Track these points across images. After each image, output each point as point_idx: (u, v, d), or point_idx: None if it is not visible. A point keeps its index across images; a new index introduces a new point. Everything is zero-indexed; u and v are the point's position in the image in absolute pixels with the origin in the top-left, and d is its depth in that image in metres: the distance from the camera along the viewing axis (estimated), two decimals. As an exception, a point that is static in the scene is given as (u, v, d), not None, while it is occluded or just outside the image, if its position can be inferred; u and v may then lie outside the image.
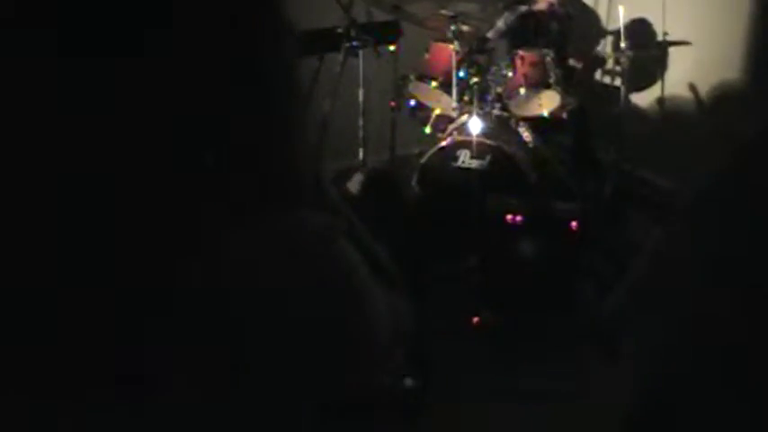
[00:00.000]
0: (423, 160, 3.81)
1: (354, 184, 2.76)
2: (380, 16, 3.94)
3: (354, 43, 3.50)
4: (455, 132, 3.84)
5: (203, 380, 0.69)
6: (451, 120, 3.96)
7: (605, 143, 4.34)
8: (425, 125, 4.11)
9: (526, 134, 3.88)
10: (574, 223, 3.40)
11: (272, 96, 0.73)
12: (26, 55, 0.67)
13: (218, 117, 0.71)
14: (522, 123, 3.91)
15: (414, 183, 3.86)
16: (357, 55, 3.59)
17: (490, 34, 4.07)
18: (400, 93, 4.11)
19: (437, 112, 4.05)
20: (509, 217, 3.40)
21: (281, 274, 0.69)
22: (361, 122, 3.66)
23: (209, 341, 0.69)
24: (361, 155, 3.70)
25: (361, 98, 3.65)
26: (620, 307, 0.92)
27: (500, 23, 4.09)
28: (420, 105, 4.11)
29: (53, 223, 0.67)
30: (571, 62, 4.24)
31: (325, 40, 3.59)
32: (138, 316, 0.69)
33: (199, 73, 0.69)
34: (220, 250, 0.69)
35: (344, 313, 0.72)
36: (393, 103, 4.13)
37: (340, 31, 3.58)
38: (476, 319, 3.32)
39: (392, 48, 3.99)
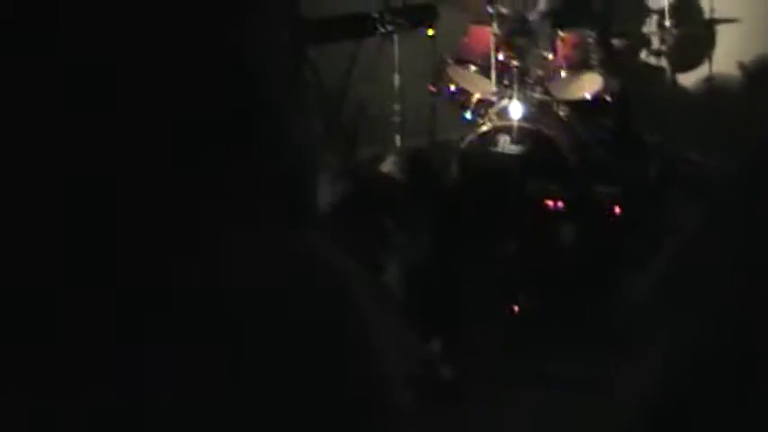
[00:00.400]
0: (462, 146, 3.77)
1: (388, 165, 2.74)
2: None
3: (389, 27, 3.47)
4: (495, 117, 3.79)
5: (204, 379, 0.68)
6: (491, 104, 3.90)
7: (650, 125, 4.24)
8: (465, 110, 4.05)
9: (567, 117, 3.81)
10: (616, 208, 3.33)
11: (261, 90, 0.72)
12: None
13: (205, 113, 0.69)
14: (563, 106, 3.84)
15: (453, 169, 3.83)
16: (392, 40, 3.55)
17: (531, 15, 3.99)
18: (439, 77, 4.06)
19: (477, 96, 3.98)
20: (549, 202, 3.35)
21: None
22: (397, 107, 3.63)
23: (209, 341, 0.67)
24: (398, 141, 3.67)
25: (397, 83, 3.62)
26: (648, 297, 0.88)
27: (541, 4, 4.01)
28: (459, 90, 4.05)
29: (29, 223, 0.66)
30: (614, 42, 4.14)
31: (361, 25, 3.57)
32: (137, 315, 0.68)
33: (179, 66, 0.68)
34: (220, 251, 0.67)
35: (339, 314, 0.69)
36: (432, 88, 4.08)
37: (375, 15, 3.55)
38: (515, 306, 3.29)
39: (430, 32, 3.95)
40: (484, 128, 3.72)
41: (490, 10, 3.74)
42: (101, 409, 0.67)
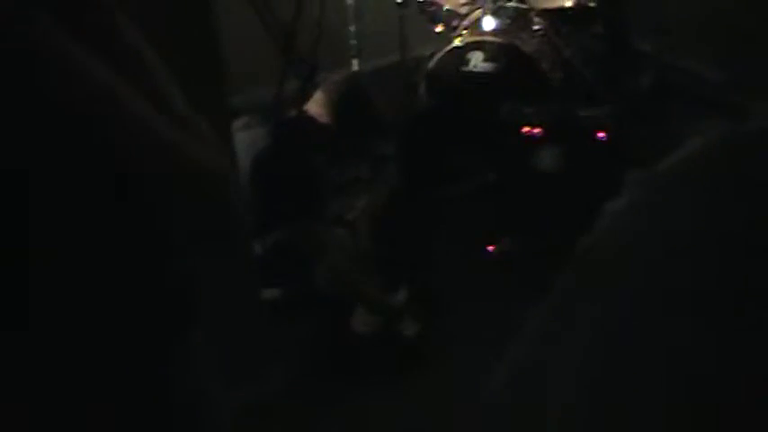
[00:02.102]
0: (430, 65, 3.38)
1: (315, 103, 2.39)
2: None
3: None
4: (466, 31, 3.38)
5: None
6: (463, 16, 3.48)
7: (643, 30, 3.81)
8: (436, 23, 3.63)
9: (547, 29, 3.39)
10: (601, 133, 2.96)
11: None
12: None
13: None
14: (542, 16, 3.41)
15: (421, 90, 3.45)
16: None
17: None
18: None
19: (447, 6, 3.56)
20: (526, 129, 2.97)
21: None
22: (352, 28, 3.20)
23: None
24: (355, 65, 3.27)
25: (350, 0, 3.18)
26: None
27: None
28: (431, 0, 3.62)
29: None
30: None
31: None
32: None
33: None
34: None
35: None
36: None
37: None
38: (491, 247, 2.96)
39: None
40: (454, 43, 3.32)
41: None
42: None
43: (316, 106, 2.43)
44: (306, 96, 2.89)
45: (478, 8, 3.41)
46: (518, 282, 2.83)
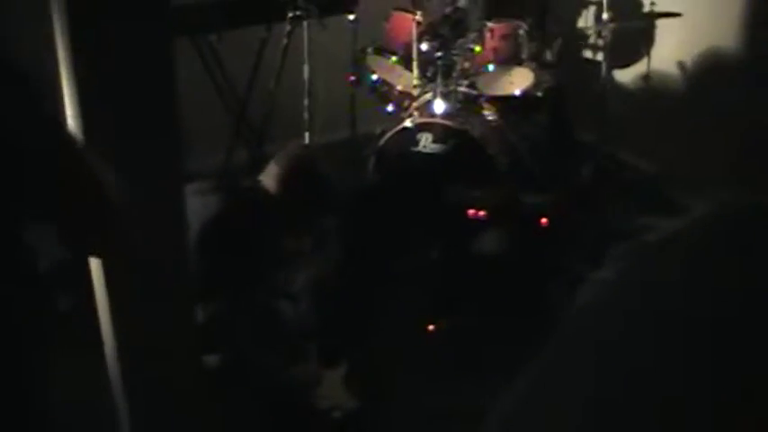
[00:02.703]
0: (380, 143, 3.44)
1: (268, 175, 2.41)
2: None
3: (297, 12, 3.09)
4: (416, 113, 3.47)
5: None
6: (414, 98, 3.57)
7: (585, 123, 3.96)
8: (387, 103, 3.72)
9: (495, 116, 3.50)
10: (544, 219, 3.04)
11: None
12: None
13: None
14: (491, 103, 3.53)
15: (370, 166, 3.50)
16: (302, 26, 3.18)
17: (460, 2, 3.64)
18: (361, 66, 3.71)
19: (399, 88, 3.66)
20: (471, 212, 3.04)
21: None
22: (306, 102, 3.26)
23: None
24: (306, 138, 3.31)
25: (306, 75, 3.25)
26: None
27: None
28: (381, 81, 3.71)
29: None
30: (548, 35, 3.83)
31: (269, 9, 3.19)
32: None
33: None
34: None
35: None
36: (352, 78, 3.73)
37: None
38: (431, 327, 2.98)
39: (351, 16, 3.59)
40: (404, 124, 3.40)
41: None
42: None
43: (269, 178, 2.44)
44: (257, 167, 2.90)
45: (430, 91, 3.50)
46: (456, 359, 2.85)
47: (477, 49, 3.46)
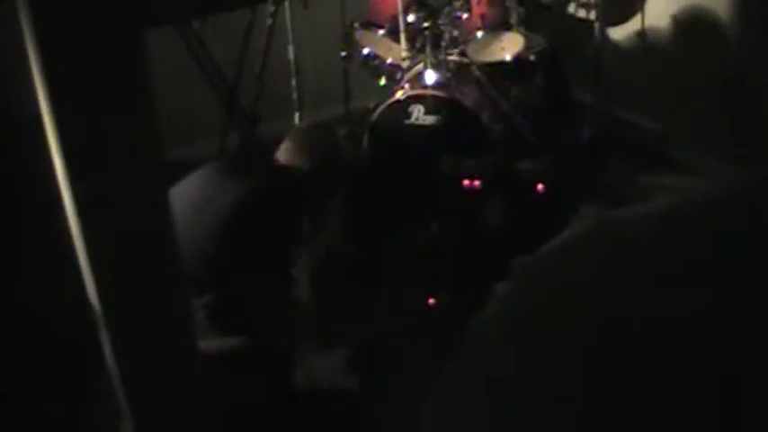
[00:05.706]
0: (372, 117, 3.41)
1: (286, 151, 2.38)
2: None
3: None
4: (407, 85, 3.43)
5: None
6: (405, 70, 3.53)
7: (581, 84, 3.91)
8: (379, 77, 3.68)
9: (487, 83, 3.45)
10: (540, 186, 3.01)
11: None
12: None
13: None
14: (482, 70, 3.48)
15: (364, 142, 3.47)
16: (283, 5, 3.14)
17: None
18: (351, 42, 3.67)
19: (390, 61, 3.61)
20: (465, 182, 3.01)
21: None
22: (294, 83, 3.23)
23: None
24: (296, 118, 3.29)
25: (291, 54, 3.21)
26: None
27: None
28: (372, 54, 3.67)
29: None
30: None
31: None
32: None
33: None
34: None
35: None
36: (343, 53, 3.69)
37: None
38: (432, 300, 2.97)
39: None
40: (395, 97, 3.36)
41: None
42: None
43: (287, 154, 2.40)
44: (263, 147, 2.86)
45: (420, 62, 3.46)
46: (457, 334, 2.83)
47: (465, 16, 3.41)
